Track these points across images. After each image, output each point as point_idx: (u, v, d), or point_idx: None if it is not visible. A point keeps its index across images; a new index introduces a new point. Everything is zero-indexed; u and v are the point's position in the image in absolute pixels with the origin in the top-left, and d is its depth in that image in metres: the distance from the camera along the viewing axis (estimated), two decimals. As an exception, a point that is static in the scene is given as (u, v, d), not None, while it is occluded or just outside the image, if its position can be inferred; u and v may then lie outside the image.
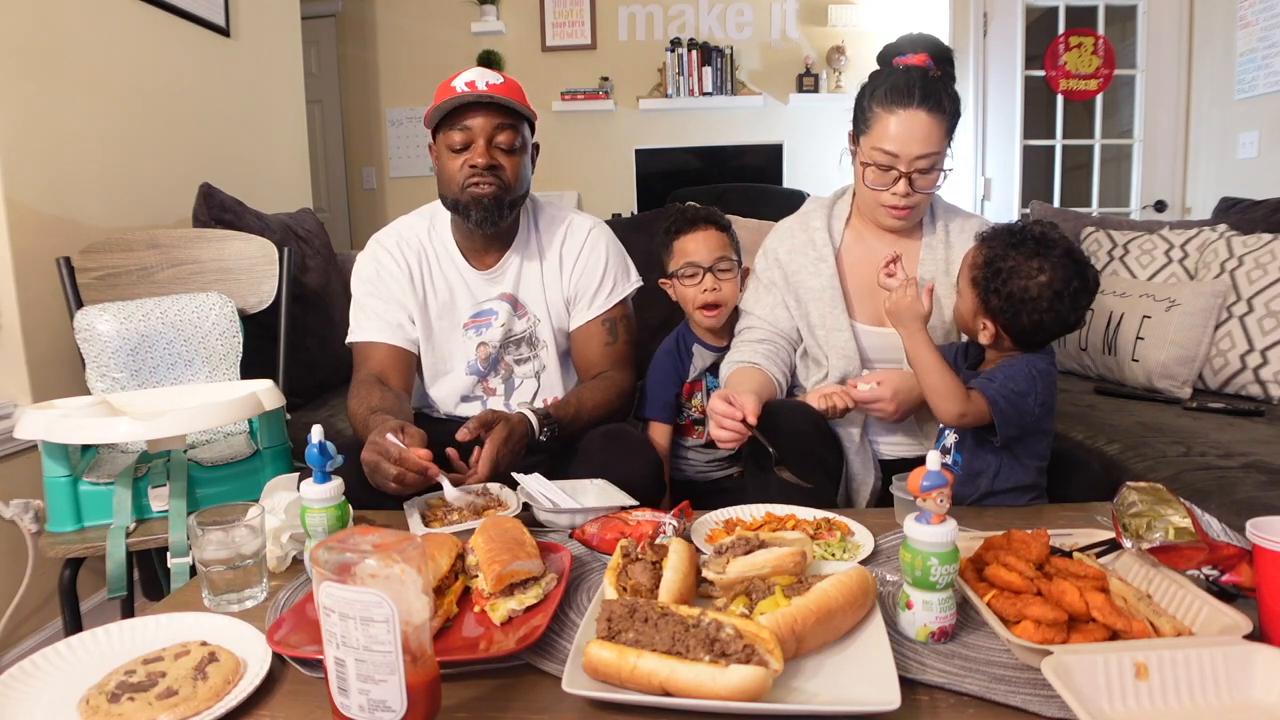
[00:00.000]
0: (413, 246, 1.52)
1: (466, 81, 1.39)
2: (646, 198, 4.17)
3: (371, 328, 1.50)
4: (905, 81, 1.35)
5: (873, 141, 1.38)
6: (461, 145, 1.40)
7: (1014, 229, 1.25)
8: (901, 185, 1.37)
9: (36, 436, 1.30)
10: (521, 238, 1.54)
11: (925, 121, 1.34)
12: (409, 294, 1.50)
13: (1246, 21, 3.37)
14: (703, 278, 1.63)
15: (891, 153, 1.36)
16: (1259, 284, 2.00)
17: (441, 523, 1.14)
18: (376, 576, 0.63)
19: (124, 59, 2.12)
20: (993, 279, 1.21)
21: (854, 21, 4.30)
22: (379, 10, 4.47)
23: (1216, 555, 0.84)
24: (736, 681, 0.66)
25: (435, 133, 1.44)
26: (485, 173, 1.39)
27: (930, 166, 1.36)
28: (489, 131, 1.39)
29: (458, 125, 1.39)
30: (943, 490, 0.79)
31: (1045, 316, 1.19)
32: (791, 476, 1.22)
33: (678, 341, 1.73)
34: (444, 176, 1.44)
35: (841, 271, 1.50)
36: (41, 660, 0.81)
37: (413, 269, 1.51)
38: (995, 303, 1.21)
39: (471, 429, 1.26)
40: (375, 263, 1.52)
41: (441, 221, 1.55)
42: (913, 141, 1.34)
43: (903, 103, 1.34)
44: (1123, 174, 4.16)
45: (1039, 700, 0.71)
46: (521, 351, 1.56)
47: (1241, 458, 1.51)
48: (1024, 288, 1.19)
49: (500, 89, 1.39)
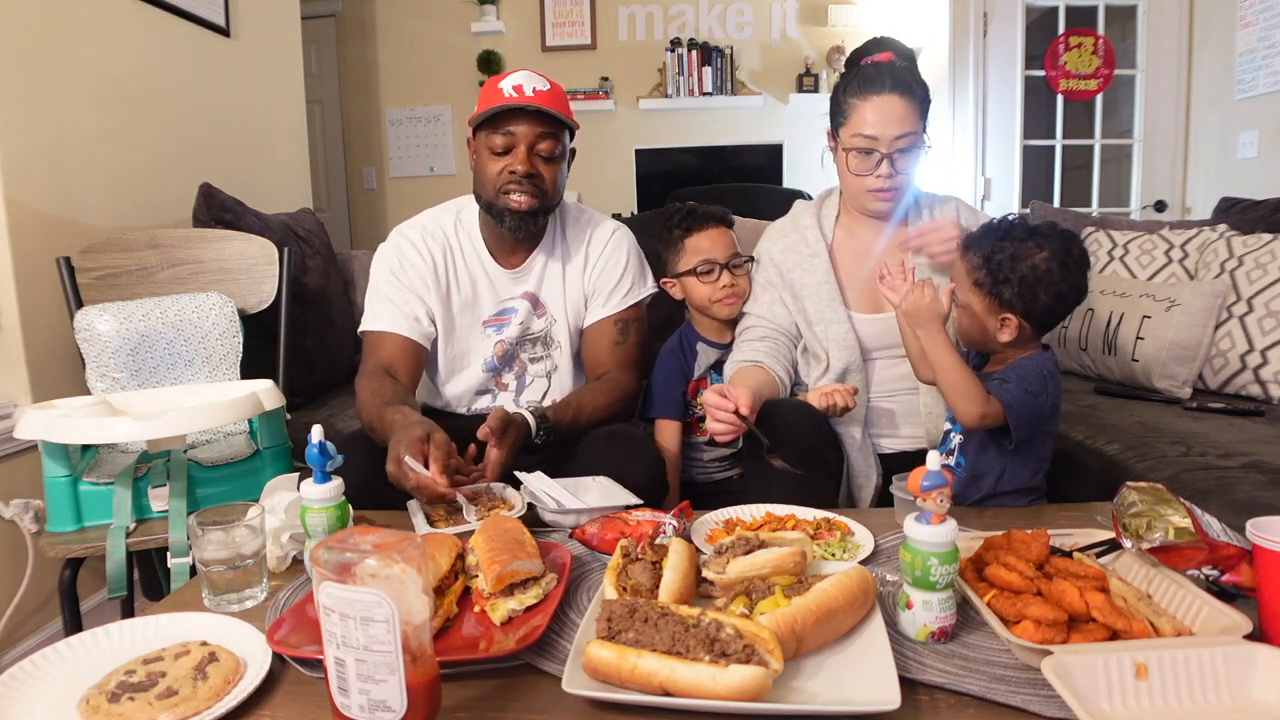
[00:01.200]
0: (438, 240, 1.52)
1: (514, 85, 1.40)
2: (646, 198, 4.16)
3: (387, 318, 1.48)
4: (875, 72, 1.44)
5: (852, 129, 1.44)
6: (503, 149, 1.41)
7: (992, 225, 1.27)
8: (884, 167, 1.43)
9: (36, 436, 1.30)
10: (548, 239, 1.56)
11: (899, 103, 1.40)
12: (431, 287, 1.50)
13: (1246, 21, 3.37)
14: (720, 274, 1.65)
15: (871, 136, 1.41)
16: (1259, 284, 2.00)
17: (446, 522, 1.14)
18: (376, 576, 0.63)
19: (124, 59, 2.12)
20: (999, 271, 1.22)
21: (854, 21, 4.30)
22: (379, 10, 4.47)
23: (1216, 555, 0.84)
24: (736, 681, 0.66)
25: (477, 130, 1.45)
26: (524, 180, 1.40)
27: (909, 146, 1.42)
28: (531, 139, 1.40)
29: (501, 129, 1.40)
30: (943, 490, 0.79)
31: (1062, 287, 1.21)
32: (784, 464, 1.24)
33: (681, 340, 1.74)
34: (482, 176, 1.45)
35: (835, 264, 1.54)
36: (41, 660, 0.81)
37: (437, 262, 1.51)
38: (1010, 293, 1.22)
39: (494, 429, 1.23)
40: (399, 253, 1.51)
41: (469, 216, 1.55)
42: (890, 123, 1.40)
43: (876, 89, 1.41)
44: (1123, 174, 4.16)
45: (1039, 700, 0.71)
46: (536, 350, 1.57)
47: (1241, 458, 1.51)
48: (1033, 266, 1.21)
49: (546, 96, 1.40)
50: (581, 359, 1.62)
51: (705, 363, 1.71)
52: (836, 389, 1.39)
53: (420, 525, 1.13)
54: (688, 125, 4.42)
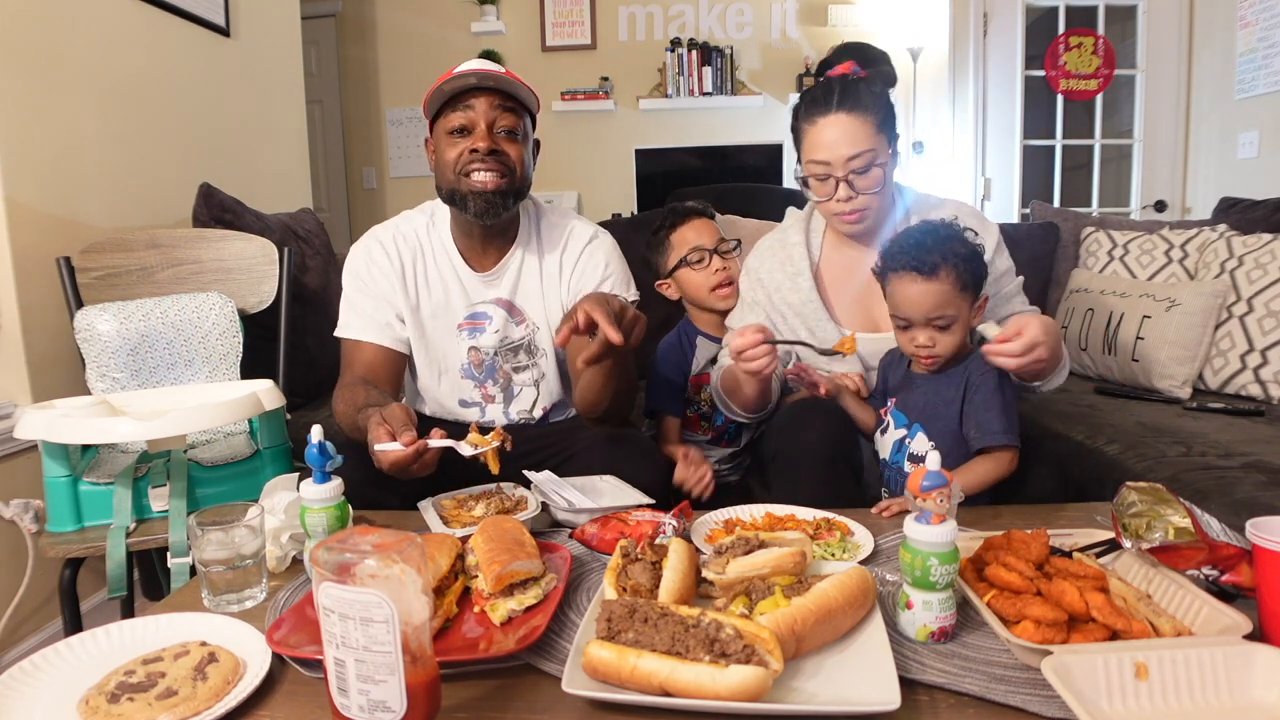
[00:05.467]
0: (409, 242, 1.47)
1: (465, 69, 1.35)
2: (646, 198, 4.17)
3: (359, 325, 1.45)
4: (823, 92, 1.37)
5: (806, 154, 1.39)
6: (461, 127, 1.35)
7: (921, 239, 1.27)
8: (842, 190, 1.36)
9: (36, 436, 1.30)
10: (522, 240, 1.49)
11: (846, 122, 1.33)
12: (399, 293, 1.45)
13: (1246, 21, 3.37)
14: (710, 260, 1.66)
15: (822, 161, 1.36)
16: (1259, 284, 2.00)
17: (460, 523, 1.13)
18: (376, 577, 0.63)
19: (124, 59, 2.12)
20: (964, 264, 1.25)
21: (854, 21, 4.31)
22: (379, 10, 4.47)
23: (1216, 555, 0.84)
24: (736, 682, 0.66)
25: (433, 123, 1.39)
26: (488, 158, 1.33)
27: (865, 166, 1.34)
28: (490, 116, 1.34)
29: (458, 106, 1.34)
30: (943, 490, 0.79)
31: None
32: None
33: (680, 335, 1.76)
34: (442, 164, 1.38)
35: (823, 283, 1.50)
36: (41, 660, 0.81)
37: (405, 267, 1.46)
38: (979, 275, 1.27)
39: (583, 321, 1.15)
40: (367, 256, 1.47)
41: (442, 219, 1.50)
42: (839, 144, 1.33)
43: (821, 111, 1.35)
44: (1123, 174, 4.17)
45: (1039, 700, 0.70)
46: (520, 359, 1.51)
47: (1241, 458, 1.51)
48: (963, 243, 1.26)
49: (501, 75, 1.35)
50: (566, 368, 1.55)
51: (705, 357, 1.72)
52: (847, 375, 1.40)
53: (434, 524, 1.12)
54: (688, 125, 4.42)
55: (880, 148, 1.35)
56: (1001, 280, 1.45)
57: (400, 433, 1.09)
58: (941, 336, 1.26)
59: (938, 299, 1.23)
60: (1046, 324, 1.19)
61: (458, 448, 1.12)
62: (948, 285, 1.23)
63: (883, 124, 1.36)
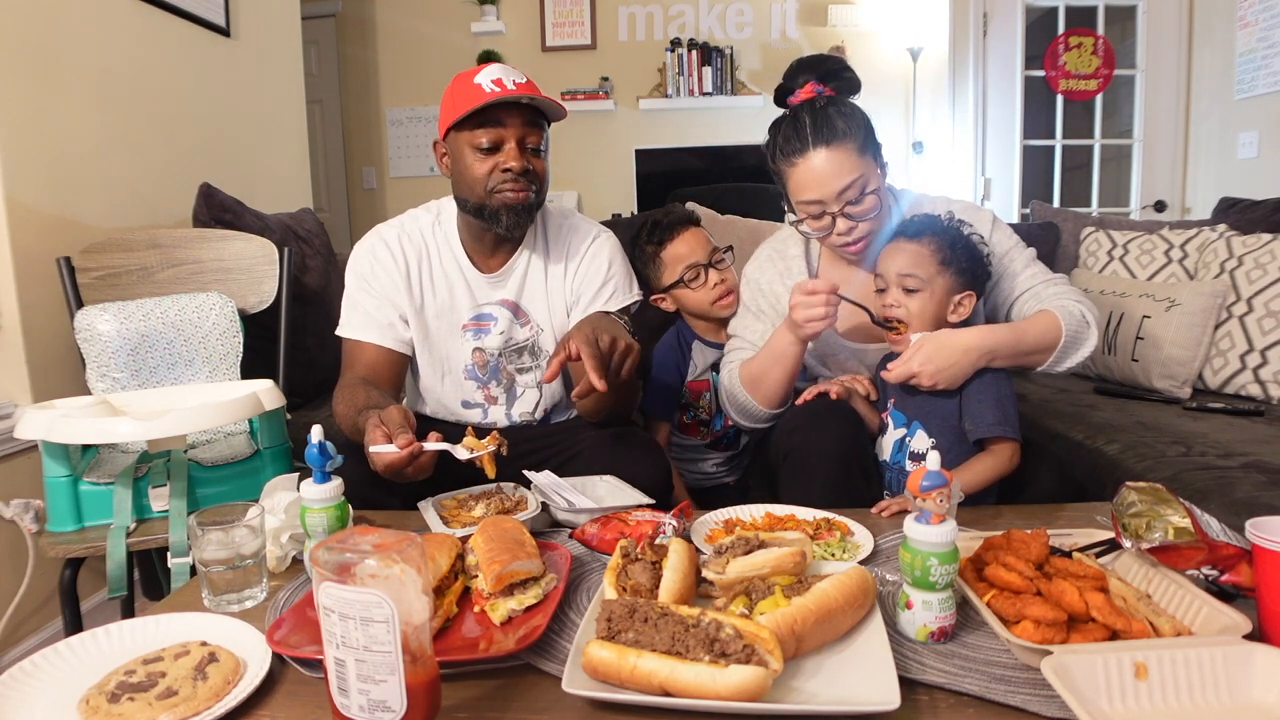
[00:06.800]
0: (414, 242, 1.47)
1: (494, 79, 1.31)
2: (647, 198, 4.17)
3: (361, 325, 1.45)
4: (794, 129, 1.33)
5: (794, 195, 1.36)
6: (490, 146, 1.33)
7: (928, 216, 1.32)
8: (840, 224, 1.34)
9: (37, 436, 1.30)
10: (529, 242, 1.48)
11: (828, 156, 1.30)
12: (403, 293, 1.44)
13: (1246, 21, 3.37)
14: (706, 275, 1.64)
15: (814, 200, 1.33)
16: (1259, 284, 2.00)
17: (460, 523, 1.13)
18: (376, 577, 0.63)
19: (124, 59, 2.12)
20: (963, 252, 1.27)
21: (854, 21, 4.30)
22: (379, 10, 4.47)
23: (1216, 555, 0.84)
24: (736, 681, 0.66)
25: (450, 130, 1.37)
26: (520, 178, 1.34)
27: (859, 195, 1.32)
28: (521, 132, 1.33)
29: (488, 125, 1.32)
30: (942, 490, 0.79)
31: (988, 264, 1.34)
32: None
33: (678, 337, 1.74)
34: (468, 178, 1.36)
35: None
36: (41, 660, 0.81)
37: (410, 267, 1.45)
38: (964, 264, 1.29)
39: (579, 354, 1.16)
40: (371, 255, 1.46)
41: (448, 219, 1.49)
42: (827, 180, 1.30)
43: (799, 151, 1.32)
44: (1122, 174, 4.17)
45: (1039, 700, 0.70)
46: (524, 361, 1.50)
47: (1241, 458, 1.51)
48: (978, 245, 1.31)
49: (526, 89, 1.33)
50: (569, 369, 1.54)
51: (704, 363, 1.71)
52: (857, 378, 1.40)
53: (435, 524, 1.12)
54: (688, 125, 4.42)
55: (868, 169, 1.32)
56: (1005, 259, 1.42)
57: (396, 435, 1.09)
58: (907, 300, 1.28)
59: (911, 258, 1.27)
60: (940, 350, 1.22)
61: (453, 451, 1.12)
62: (926, 251, 1.27)
63: (865, 143, 1.32)
